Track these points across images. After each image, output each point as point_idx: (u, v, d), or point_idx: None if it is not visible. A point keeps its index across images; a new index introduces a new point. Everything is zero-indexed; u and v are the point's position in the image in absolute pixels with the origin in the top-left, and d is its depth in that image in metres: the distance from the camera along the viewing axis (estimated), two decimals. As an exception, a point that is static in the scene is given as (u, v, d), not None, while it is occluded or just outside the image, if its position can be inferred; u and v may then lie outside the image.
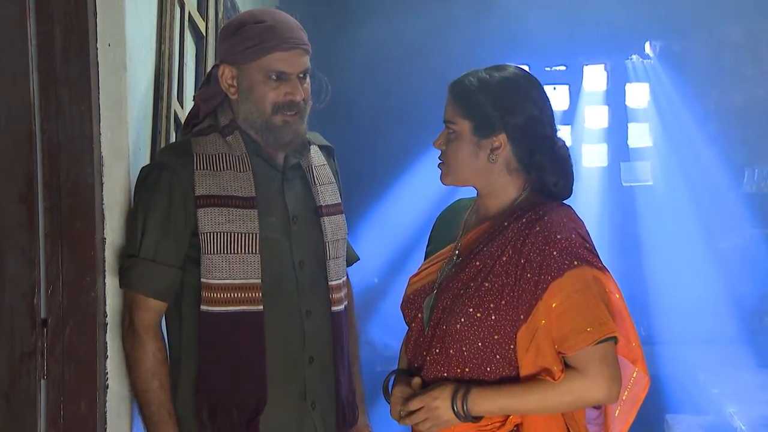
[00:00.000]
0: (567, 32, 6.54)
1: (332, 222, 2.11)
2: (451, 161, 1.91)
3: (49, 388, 1.85)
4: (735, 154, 6.51)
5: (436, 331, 1.86)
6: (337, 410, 2.09)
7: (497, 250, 1.84)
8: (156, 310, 1.97)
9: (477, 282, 1.83)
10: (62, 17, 1.84)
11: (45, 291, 1.84)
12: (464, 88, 1.90)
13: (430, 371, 1.87)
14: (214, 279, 1.95)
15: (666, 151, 6.89)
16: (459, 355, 1.83)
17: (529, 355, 1.79)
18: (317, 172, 2.13)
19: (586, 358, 1.77)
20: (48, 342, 1.84)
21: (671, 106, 6.85)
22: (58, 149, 1.85)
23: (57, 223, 1.85)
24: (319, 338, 2.06)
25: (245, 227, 1.97)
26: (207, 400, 1.96)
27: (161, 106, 2.37)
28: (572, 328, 1.77)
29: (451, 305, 1.85)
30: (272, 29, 1.98)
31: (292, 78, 2.00)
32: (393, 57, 6.55)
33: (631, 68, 7.00)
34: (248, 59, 1.99)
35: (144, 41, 2.29)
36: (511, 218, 1.86)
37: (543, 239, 1.81)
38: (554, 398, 1.79)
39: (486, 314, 1.81)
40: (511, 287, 1.80)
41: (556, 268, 1.78)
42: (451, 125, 1.90)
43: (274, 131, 2.01)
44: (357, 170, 5.09)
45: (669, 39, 6.82)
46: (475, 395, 1.79)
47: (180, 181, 1.96)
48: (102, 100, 1.90)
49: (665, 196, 6.66)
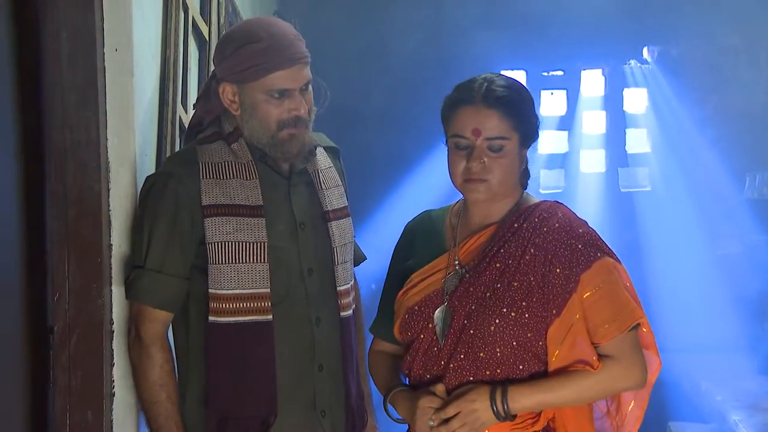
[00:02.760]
0: (565, 37, 6.56)
1: (339, 226, 2.11)
2: (500, 178, 1.87)
3: (55, 396, 1.84)
4: (735, 159, 6.51)
5: (460, 337, 1.86)
6: (347, 417, 2.09)
7: (517, 250, 1.86)
8: (163, 321, 1.97)
9: (504, 283, 1.85)
10: (69, 23, 1.84)
11: (51, 299, 1.85)
12: (510, 101, 1.87)
13: (453, 379, 1.87)
14: (223, 289, 1.95)
15: (664, 156, 6.90)
16: (491, 358, 1.84)
17: (563, 349, 1.83)
18: (323, 175, 2.13)
19: (619, 346, 1.84)
20: (54, 350, 1.84)
21: (670, 111, 6.86)
22: (65, 156, 1.85)
23: (63, 230, 1.85)
24: (329, 346, 2.06)
25: (253, 236, 1.97)
26: (216, 413, 1.96)
27: (166, 111, 2.38)
28: (604, 318, 1.83)
29: (478, 309, 1.85)
30: (271, 48, 1.96)
31: (294, 94, 2.00)
32: (392, 61, 6.56)
33: (629, 73, 7.02)
34: (249, 79, 1.98)
35: (150, 47, 2.29)
36: (521, 219, 1.90)
37: (566, 234, 1.86)
38: (592, 388, 1.84)
39: (520, 313, 1.83)
40: (540, 284, 1.83)
41: (584, 260, 1.84)
42: (502, 141, 1.86)
43: (281, 145, 2.01)
44: (359, 172, 5.10)
45: (667, 44, 6.83)
46: (513, 392, 1.81)
47: (186, 191, 1.96)
48: (109, 106, 1.90)
49: (664, 202, 6.67)
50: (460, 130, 1.88)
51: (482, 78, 1.90)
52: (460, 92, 1.92)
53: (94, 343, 1.87)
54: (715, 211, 6.48)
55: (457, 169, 1.89)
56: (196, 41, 2.96)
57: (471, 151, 1.87)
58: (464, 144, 1.87)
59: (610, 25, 6.51)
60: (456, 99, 1.91)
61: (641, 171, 7.10)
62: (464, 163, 1.87)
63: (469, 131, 1.86)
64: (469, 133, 1.86)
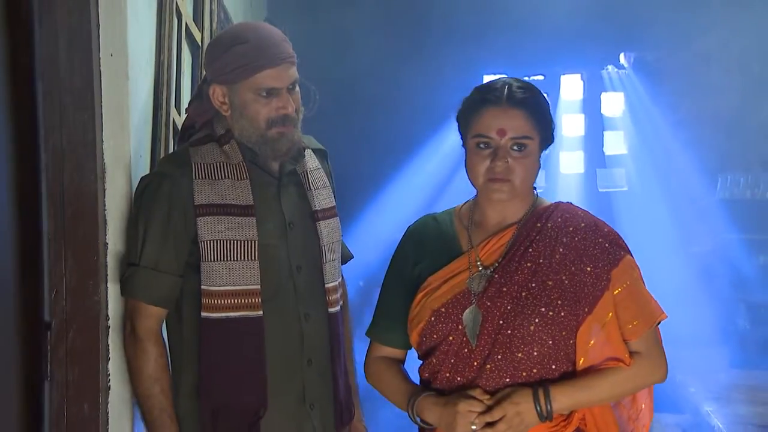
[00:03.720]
0: (545, 43, 6.59)
1: (327, 225, 2.11)
2: (522, 178, 1.82)
3: (52, 389, 1.83)
4: (707, 161, 6.57)
5: (496, 338, 1.79)
6: (335, 410, 2.09)
7: (546, 249, 1.83)
8: (157, 316, 1.96)
9: (538, 282, 1.80)
10: (66, 29, 1.83)
11: (48, 295, 1.83)
12: (533, 102, 1.83)
13: (489, 381, 1.80)
14: (215, 286, 1.94)
15: (640, 158, 6.94)
16: (528, 358, 1.79)
17: (595, 347, 1.80)
18: (312, 176, 2.12)
19: (647, 342, 1.83)
20: (52, 345, 1.83)
21: (645, 114, 6.91)
22: (62, 157, 1.84)
23: (60, 228, 1.84)
24: (318, 340, 2.06)
25: (244, 235, 1.96)
26: (209, 405, 1.96)
27: (161, 113, 2.37)
28: (632, 314, 1.81)
29: (515, 309, 1.79)
30: (258, 48, 1.97)
31: (282, 92, 2.00)
32: (378, 66, 6.57)
33: (607, 78, 7.07)
34: (238, 79, 1.98)
35: (144, 51, 2.29)
36: (542, 219, 1.86)
37: (593, 233, 1.84)
38: (624, 384, 1.82)
39: (556, 312, 1.78)
40: (572, 282, 1.80)
41: (612, 258, 1.82)
42: (527, 141, 1.81)
43: (271, 144, 2.01)
44: (346, 174, 5.10)
45: (643, 50, 6.88)
46: (555, 392, 1.77)
47: (179, 191, 1.95)
48: (105, 109, 1.89)
49: (640, 202, 6.70)
50: (484, 130, 1.81)
51: (503, 81, 1.85)
52: (483, 93, 1.85)
53: (91, 338, 1.86)
54: (689, 211, 6.53)
55: (480, 169, 1.83)
56: (190, 46, 2.95)
57: (494, 151, 1.81)
58: (488, 143, 1.81)
59: (588, 32, 6.54)
60: (479, 100, 1.85)
61: (618, 172, 7.14)
62: (487, 163, 1.81)
63: (494, 131, 1.80)
64: (494, 133, 1.80)
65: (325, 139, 2.31)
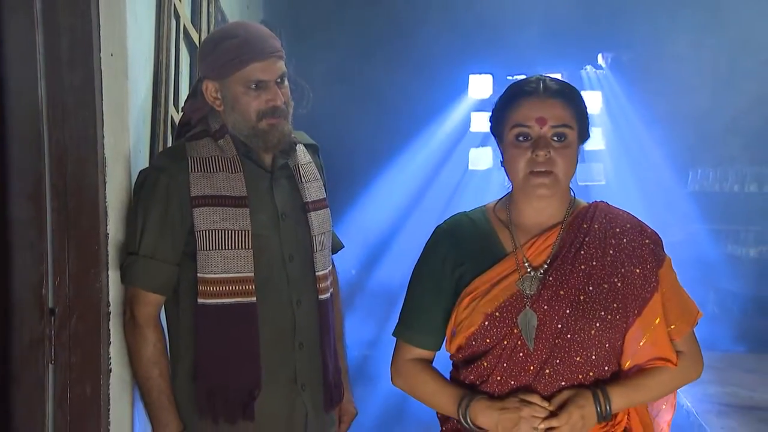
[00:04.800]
0: (528, 44, 6.59)
1: (318, 216, 2.11)
2: (564, 169, 1.69)
3: (56, 372, 1.84)
4: (679, 156, 6.61)
5: (555, 342, 1.68)
6: (325, 391, 2.10)
7: (596, 251, 1.72)
8: (155, 303, 1.97)
9: (595, 285, 1.70)
10: (68, 30, 1.83)
11: (53, 282, 1.84)
12: (570, 92, 1.72)
13: (548, 384, 1.70)
14: (210, 273, 1.95)
15: (617, 153, 6.96)
16: (586, 361, 1.70)
17: (644, 347, 1.72)
18: (303, 170, 2.13)
19: (689, 341, 1.78)
20: (55, 330, 1.84)
21: (621, 112, 6.92)
22: (65, 152, 1.84)
23: (63, 220, 1.85)
24: (308, 325, 2.06)
25: (238, 225, 1.96)
26: (205, 386, 1.96)
27: (159, 111, 2.37)
28: (676, 314, 1.75)
29: (575, 313, 1.69)
30: (246, 42, 1.98)
31: (270, 85, 2.00)
32: (368, 65, 6.57)
33: (586, 77, 7.06)
34: (228, 73, 1.98)
35: (143, 51, 2.28)
36: (587, 219, 1.75)
37: (639, 234, 1.75)
38: (671, 383, 1.76)
39: (613, 315, 1.69)
40: (623, 285, 1.70)
41: (658, 258, 1.74)
42: (567, 129, 1.69)
43: (262, 135, 2.01)
44: (337, 168, 5.12)
45: (619, 51, 6.90)
46: (612, 393, 1.69)
47: (176, 183, 1.96)
48: (105, 107, 1.89)
49: (616, 195, 6.71)
50: (523, 119, 1.69)
51: (536, 76, 1.74)
52: (519, 87, 1.74)
53: (92, 323, 1.87)
54: (662, 203, 6.55)
55: (520, 161, 1.69)
56: (188, 47, 2.95)
57: (535, 141, 1.67)
58: (528, 134, 1.68)
59: (568, 34, 6.55)
60: (515, 92, 1.73)
61: (597, 166, 7.14)
62: (528, 155, 1.68)
63: (533, 120, 1.68)
64: (534, 121, 1.68)
65: (319, 133, 2.32)
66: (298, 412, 2.05)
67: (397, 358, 1.84)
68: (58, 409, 1.84)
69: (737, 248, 6.42)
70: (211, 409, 1.96)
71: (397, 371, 1.84)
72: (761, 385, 4.77)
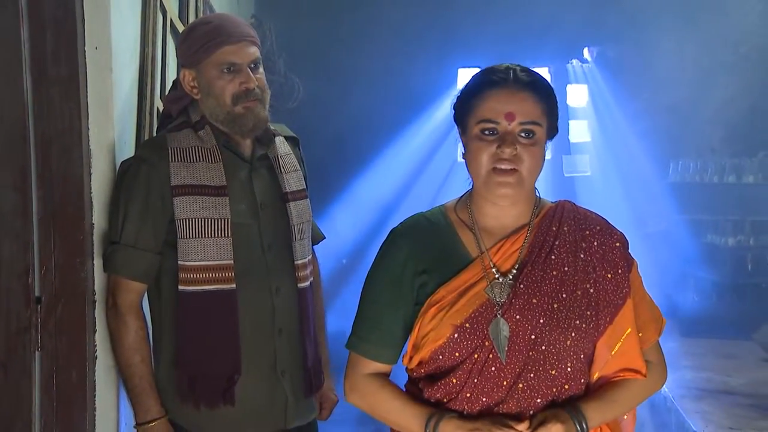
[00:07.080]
0: (515, 38, 6.59)
1: (297, 206, 2.10)
2: (530, 168, 1.52)
3: (43, 359, 1.84)
4: (660, 148, 6.62)
5: (529, 354, 1.51)
6: (305, 377, 2.09)
7: (568, 256, 1.56)
8: (137, 291, 1.96)
9: (568, 292, 1.54)
10: (53, 23, 1.83)
11: (39, 271, 1.84)
12: (541, 85, 1.55)
13: (519, 401, 1.52)
14: (190, 261, 1.94)
15: (602, 145, 6.97)
16: (561, 374, 1.53)
17: (615, 357, 1.56)
18: (283, 161, 2.12)
19: (655, 350, 1.63)
20: (42, 318, 1.84)
21: (605, 105, 6.94)
22: (50, 143, 1.84)
23: (49, 210, 1.85)
24: (288, 312, 2.06)
25: (218, 213, 1.96)
26: (186, 372, 1.96)
27: (145, 103, 2.36)
28: (644, 321, 1.60)
29: (549, 323, 1.52)
30: (219, 27, 1.98)
31: (243, 68, 1.99)
32: (360, 61, 6.55)
33: (572, 71, 7.07)
34: (202, 58, 1.98)
35: (128, 45, 2.27)
36: (555, 221, 1.59)
37: (608, 236, 1.60)
38: (641, 395, 1.61)
39: (587, 324, 1.53)
40: (596, 291, 1.55)
41: (627, 262, 1.59)
42: (536, 127, 1.52)
43: (237, 119, 2.00)
44: (326, 159, 5.12)
45: (605, 45, 6.90)
46: (587, 411, 1.52)
47: (157, 174, 1.95)
48: (90, 99, 1.89)
49: (601, 186, 6.74)
50: (490, 114, 1.51)
51: (506, 65, 1.55)
52: (487, 75, 1.55)
53: (78, 311, 1.87)
54: (643, 194, 6.58)
55: (483, 155, 1.51)
56: (174, 41, 2.93)
57: (501, 137, 1.51)
58: (495, 129, 1.51)
59: (555, 29, 6.55)
60: (482, 82, 1.55)
61: (582, 158, 7.16)
62: (493, 149, 1.51)
63: (502, 115, 1.50)
64: (502, 117, 1.50)
65: (307, 125, 2.32)
66: (279, 397, 2.05)
67: (352, 373, 1.63)
68: (45, 395, 1.84)
69: (716, 237, 6.44)
70: (192, 395, 1.96)
71: (352, 387, 1.63)
72: (735, 371, 4.81)
